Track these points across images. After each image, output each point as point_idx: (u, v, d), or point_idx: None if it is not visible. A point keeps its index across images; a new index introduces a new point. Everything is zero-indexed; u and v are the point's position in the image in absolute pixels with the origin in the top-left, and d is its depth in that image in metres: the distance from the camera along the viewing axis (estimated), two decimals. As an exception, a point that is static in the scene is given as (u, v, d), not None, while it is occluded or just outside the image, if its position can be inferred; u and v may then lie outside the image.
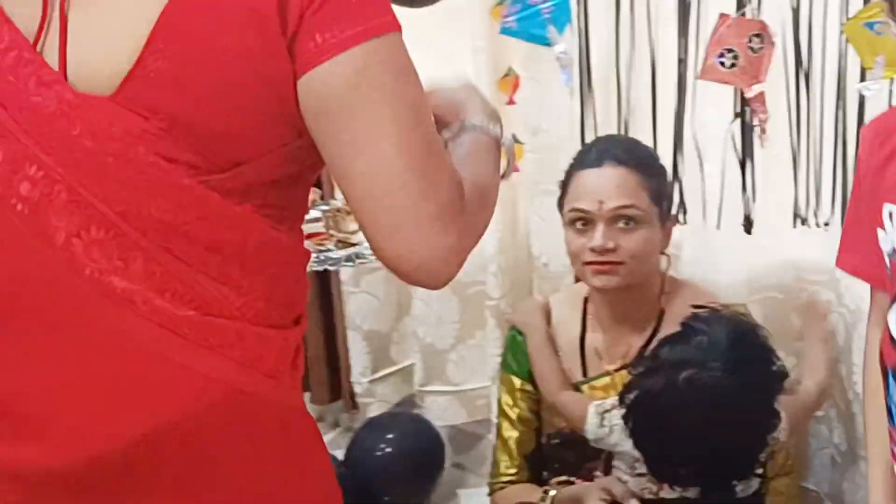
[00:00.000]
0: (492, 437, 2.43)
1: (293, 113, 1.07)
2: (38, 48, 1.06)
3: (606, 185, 1.99)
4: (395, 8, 1.14)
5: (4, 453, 1.10)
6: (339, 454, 2.86)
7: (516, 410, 2.20)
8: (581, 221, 2.01)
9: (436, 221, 1.07)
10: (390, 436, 2.83)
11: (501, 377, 2.25)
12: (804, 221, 2.18)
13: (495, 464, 2.24)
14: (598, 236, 1.98)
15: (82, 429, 1.08)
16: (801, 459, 2.27)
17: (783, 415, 1.86)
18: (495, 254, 2.63)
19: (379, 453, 2.81)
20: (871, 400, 1.55)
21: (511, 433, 2.21)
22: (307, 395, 3.18)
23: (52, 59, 1.06)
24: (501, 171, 1.29)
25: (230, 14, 1.04)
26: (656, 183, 2.04)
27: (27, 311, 1.08)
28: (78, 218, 1.05)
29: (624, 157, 2.01)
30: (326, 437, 3.09)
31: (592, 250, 1.99)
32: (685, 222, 2.31)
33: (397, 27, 1.09)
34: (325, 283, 2.89)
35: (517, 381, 2.19)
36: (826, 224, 2.15)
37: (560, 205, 2.10)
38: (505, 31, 2.42)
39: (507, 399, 2.21)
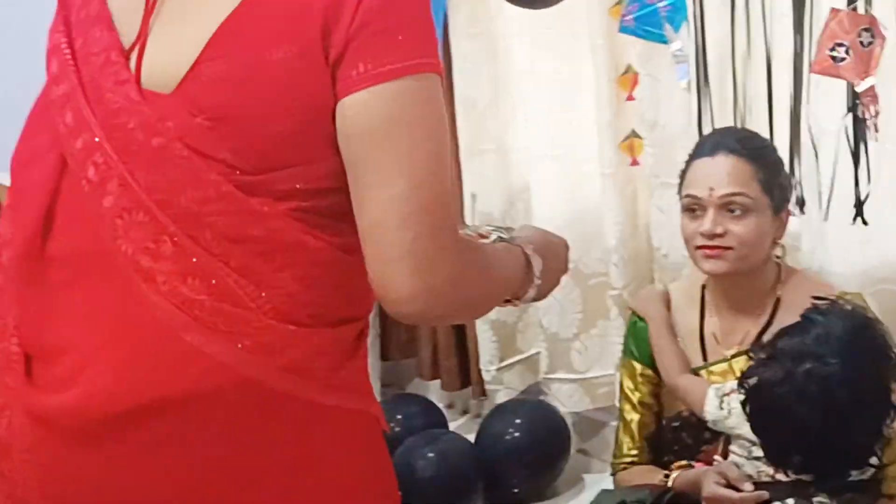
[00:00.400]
0: (615, 423, 2.51)
1: (330, 132, 1.14)
2: (129, 54, 1.20)
3: (718, 173, 2.04)
4: (516, 9, 1.21)
5: (42, 399, 1.20)
6: (471, 438, 2.98)
7: (637, 394, 2.26)
8: (694, 207, 2.07)
9: (420, 257, 1.12)
10: (518, 421, 2.92)
11: (623, 362, 2.31)
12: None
13: (618, 445, 2.30)
14: (707, 221, 2.03)
15: (104, 385, 1.16)
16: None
17: None
18: (617, 245, 2.72)
19: (508, 438, 2.91)
20: None
21: (633, 416, 2.27)
22: (437, 382, 3.32)
23: (134, 63, 1.20)
24: (525, 295, 1.32)
25: (279, 32, 1.13)
26: (768, 173, 2.06)
27: (78, 272, 1.20)
28: (124, 202, 1.16)
29: (737, 146, 2.05)
30: (456, 423, 3.23)
31: (702, 234, 2.04)
32: (804, 214, 2.35)
33: (437, 70, 1.15)
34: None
35: (638, 366, 2.24)
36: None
37: (679, 193, 2.16)
38: (623, 29, 2.50)
39: (628, 383, 2.27)
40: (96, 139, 1.19)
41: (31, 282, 1.23)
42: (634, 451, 2.26)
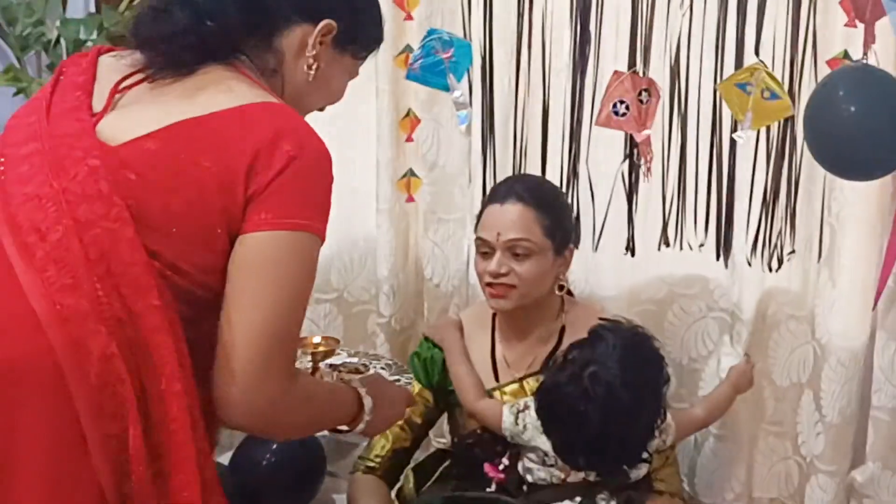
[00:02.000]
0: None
1: (225, 248, 1.40)
2: (95, 113, 1.47)
3: (504, 220, 2.23)
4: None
5: None
6: (225, 460, 2.99)
7: (408, 411, 2.44)
8: (485, 250, 2.27)
9: (255, 376, 1.37)
10: (274, 446, 2.96)
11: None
12: (675, 243, 2.61)
13: (370, 447, 2.44)
14: (493, 262, 2.23)
15: None
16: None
17: (672, 424, 2.21)
18: (388, 275, 2.89)
19: (264, 462, 2.93)
20: None
21: (394, 428, 2.36)
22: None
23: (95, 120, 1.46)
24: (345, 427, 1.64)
25: (216, 151, 1.40)
26: (552, 220, 2.25)
27: None
28: (41, 191, 1.39)
29: (524, 195, 2.24)
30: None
31: (489, 273, 2.24)
32: (577, 247, 2.66)
33: (321, 233, 1.43)
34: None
35: (417, 387, 2.40)
36: (701, 245, 2.58)
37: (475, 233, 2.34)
38: (410, 76, 2.71)
39: None
40: (42, 147, 1.41)
41: None
42: (379, 459, 2.41)
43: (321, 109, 1.69)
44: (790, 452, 2.65)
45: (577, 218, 2.65)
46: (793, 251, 2.52)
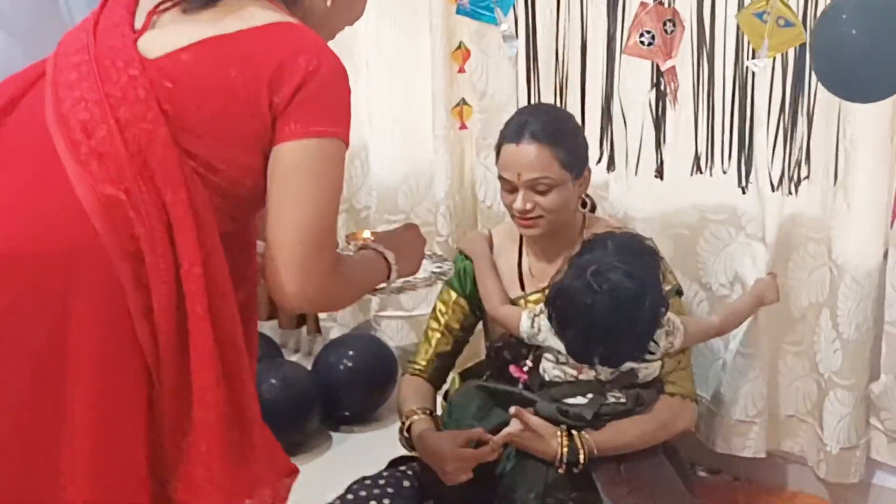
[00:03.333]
0: None
1: (260, 148, 1.58)
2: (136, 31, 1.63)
3: (523, 160, 2.38)
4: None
5: None
6: (308, 365, 3.31)
7: (445, 318, 2.63)
8: (507, 186, 2.44)
9: (306, 272, 1.56)
10: (350, 352, 3.28)
11: (442, 290, 2.65)
12: (705, 170, 2.71)
13: (415, 353, 2.67)
14: (518, 200, 2.40)
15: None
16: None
17: (681, 327, 2.35)
18: (445, 197, 3.10)
19: (341, 367, 3.26)
20: None
21: (436, 334, 2.63)
22: (275, 322, 3.60)
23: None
24: (384, 283, 1.84)
25: (241, 63, 1.56)
26: (567, 153, 2.39)
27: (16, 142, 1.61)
28: (87, 95, 1.56)
29: (539, 133, 2.38)
30: (292, 359, 3.52)
31: (516, 210, 2.41)
32: (614, 169, 2.82)
33: (345, 138, 1.60)
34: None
35: (454, 295, 2.61)
36: (724, 172, 2.69)
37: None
38: (459, 11, 2.87)
39: (441, 307, 2.64)
40: (89, 57, 1.58)
41: None
42: (424, 363, 2.63)
43: (350, 24, 1.82)
44: (808, 370, 2.76)
45: (612, 143, 2.80)
46: (807, 176, 2.59)
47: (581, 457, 2.28)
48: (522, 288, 2.55)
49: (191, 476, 1.59)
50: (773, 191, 2.61)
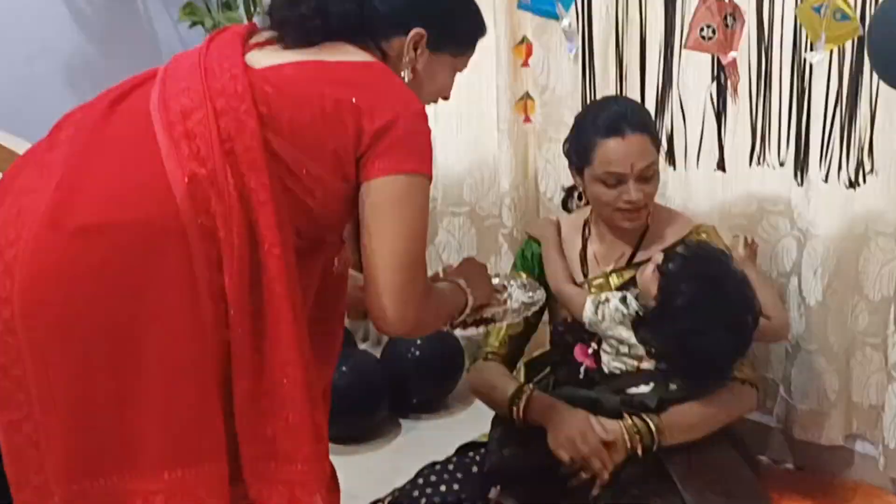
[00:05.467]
0: None
1: (343, 175, 1.70)
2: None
3: (634, 152, 2.41)
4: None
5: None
6: (377, 354, 3.39)
7: None
8: (613, 182, 2.43)
9: (402, 300, 1.68)
10: (418, 342, 3.33)
11: (511, 272, 2.67)
12: (762, 162, 2.72)
13: (485, 339, 2.66)
14: (632, 191, 2.41)
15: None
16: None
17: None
18: (509, 189, 3.15)
19: (409, 356, 3.33)
20: None
21: None
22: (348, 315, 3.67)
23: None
24: (461, 317, 1.97)
25: (331, 90, 1.70)
26: (656, 138, 2.50)
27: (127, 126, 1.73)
28: (192, 86, 1.70)
29: (638, 124, 2.43)
30: (361, 348, 3.59)
31: (628, 202, 2.43)
32: (674, 166, 2.84)
33: (430, 174, 1.73)
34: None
35: (524, 275, 2.57)
36: (781, 164, 2.70)
37: (581, 165, 2.49)
38: (521, 6, 2.93)
39: None
40: (199, 63, 1.72)
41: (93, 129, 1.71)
42: (497, 344, 2.64)
43: (434, 102, 1.94)
44: (881, 364, 2.76)
45: (671, 137, 2.82)
46: (872, 169, 2.59)
47: (654, 437, 2.32)
48: (585, 274, 2.59)
49: (277, 450, 1.69)
50: (825, 182, 2.61)
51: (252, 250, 1.63)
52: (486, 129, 3.21)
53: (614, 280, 2.53)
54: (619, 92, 2.89)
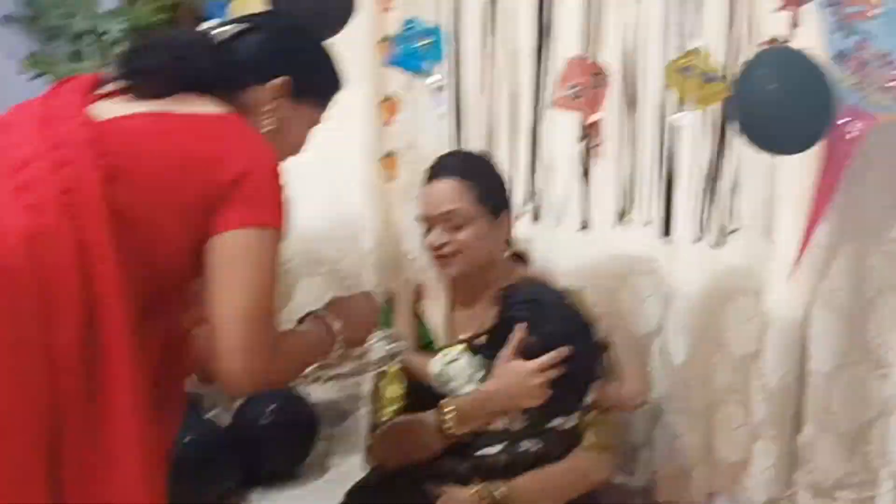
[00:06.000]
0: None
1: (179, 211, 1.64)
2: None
3: (437, 195, 2.39)
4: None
5: None
6: (227, 421, 3.23)
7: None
8: (425, 225, 2.43)
9: (250, 353, 1.62)
10: (271, 408, 3.18)
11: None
12: (629, 221, 2.73)
13: (377, 398, 2.45)
14: (434, 235, 2.41)
15: None
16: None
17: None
18: (373, 248, 3.08)
19: (261, 422, 3.17)
20: None
21: (392, 369, 2.45)
22: (194, 377, 3.51)
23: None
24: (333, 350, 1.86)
25: (180, 140, 1.65)
26: (481, 187, 2.39)
27: None
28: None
29: (453, 169, 2.41)
30: (209, 414, 3.43)
31: (431, 245, 2.41)
32: (540, 221, 2.83)
33: (281, 228, 1.67)
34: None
35: (389, 329, 2.42)
36: (648, 224, 2.71)
37: None
38: (389, 62, 2.90)
39: None
40: (38, 113, 1.68)
41: None
42: (401, 392, 2.42)
43: (292, 155, 1.88)
44: (743, 420, 2.75)
45: (539, 194, 2.81)
46: (736, 228, 2.62)
47: None
48: (450, 337, 2.50)
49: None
50: (695, 243, 2.64)
51: (88, 307, 1.54)
52: (349, 187, 3.14)
53: (474, 347, 2.42)
54: (488, 149, 2.86)
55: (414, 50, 2.87)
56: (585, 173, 2.75)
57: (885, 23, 2.26)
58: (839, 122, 2.32)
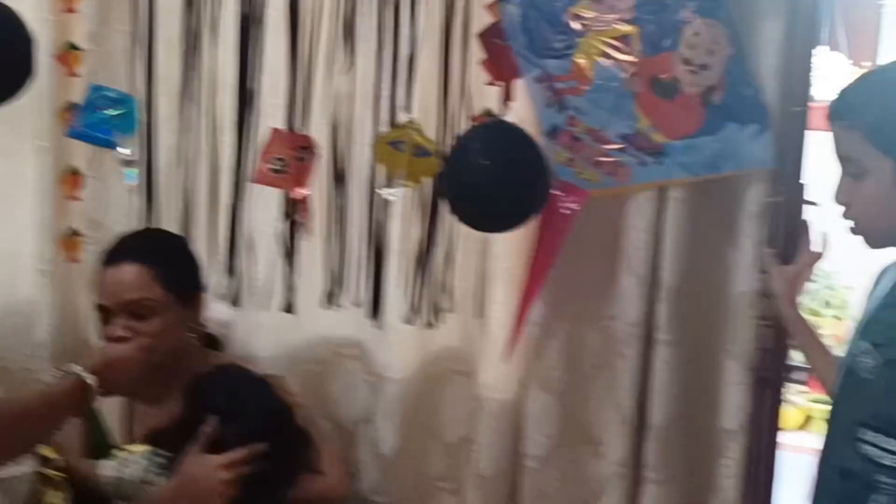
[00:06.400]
0: None
1: None
2: None
3: (117, 282, 2.19)
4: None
5: None
6: None
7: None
8: (105, 315, 2.21)
9: None
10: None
11: None
12: (336, 304, 2.59)
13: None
14: (112, 326, 2.18)
15: None
16: None
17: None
18: (50, 339, 2.76)
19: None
20: None
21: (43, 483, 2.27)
22: None
23: None
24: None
25: None
26: (170, 271, 2.24)
27: None
28: None
29: (138, 253, 2.23)
30: None
31: (111, 339, 2.17)
32: (239, 306, 2.64)
33: None
34: None
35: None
36: (357, 306, 2.57)
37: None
38: (72, 133, 2.63)
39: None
40: None
41: None
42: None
43: None
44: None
45: (239, 276, 2.63)
46: (449, 308, 2.54)
47: None
48: (128, 435, 2.29)
49: None
50: (407, 324, 2.53)
51: None
52: (21, 270, 2.80)
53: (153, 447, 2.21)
54: (185, 229, 2.66)
55: (102, 119, 2.62)
56: (290, 252, 2.58)
57: (595, 99, 2.28)
58: (553, 197, 2.30)
